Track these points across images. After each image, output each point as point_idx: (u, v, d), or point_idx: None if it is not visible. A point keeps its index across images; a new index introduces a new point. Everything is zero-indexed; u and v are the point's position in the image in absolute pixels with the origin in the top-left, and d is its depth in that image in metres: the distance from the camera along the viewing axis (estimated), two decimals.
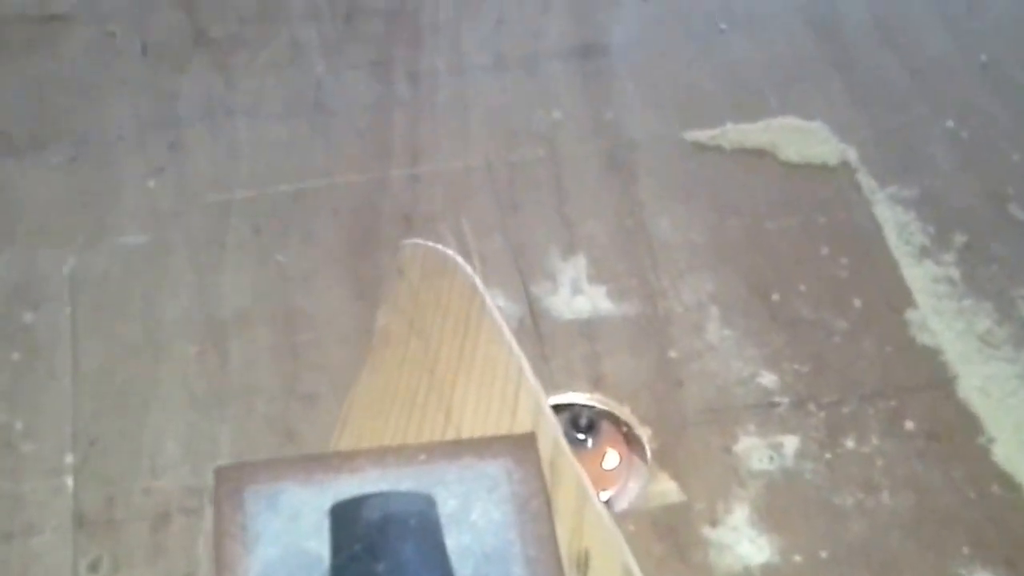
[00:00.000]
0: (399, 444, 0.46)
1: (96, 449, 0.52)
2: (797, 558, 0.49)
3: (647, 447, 0.52)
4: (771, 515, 0.50)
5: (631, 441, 0.53)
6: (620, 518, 0.50)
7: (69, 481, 0.51)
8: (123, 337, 0.57)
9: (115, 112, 0.66)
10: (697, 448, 0.52)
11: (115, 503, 0.51)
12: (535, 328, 0.56)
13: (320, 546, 0.40)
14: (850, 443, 0.53)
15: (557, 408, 0.53)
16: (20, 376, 0.55)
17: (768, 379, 0.55)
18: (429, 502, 0.41)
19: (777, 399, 0.54)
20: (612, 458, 0.52)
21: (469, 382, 0.51)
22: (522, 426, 0.48)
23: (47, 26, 0.72)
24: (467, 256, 0.59)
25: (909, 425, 0.53)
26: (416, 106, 0.67)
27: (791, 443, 0.53)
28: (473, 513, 0.42)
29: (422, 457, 0.44)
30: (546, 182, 0.63)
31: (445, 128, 0.66)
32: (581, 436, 0.52)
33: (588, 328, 0.57)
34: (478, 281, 0.56)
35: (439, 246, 0.58)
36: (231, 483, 0.44)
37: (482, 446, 0.45)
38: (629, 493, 0.51)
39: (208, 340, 0.56)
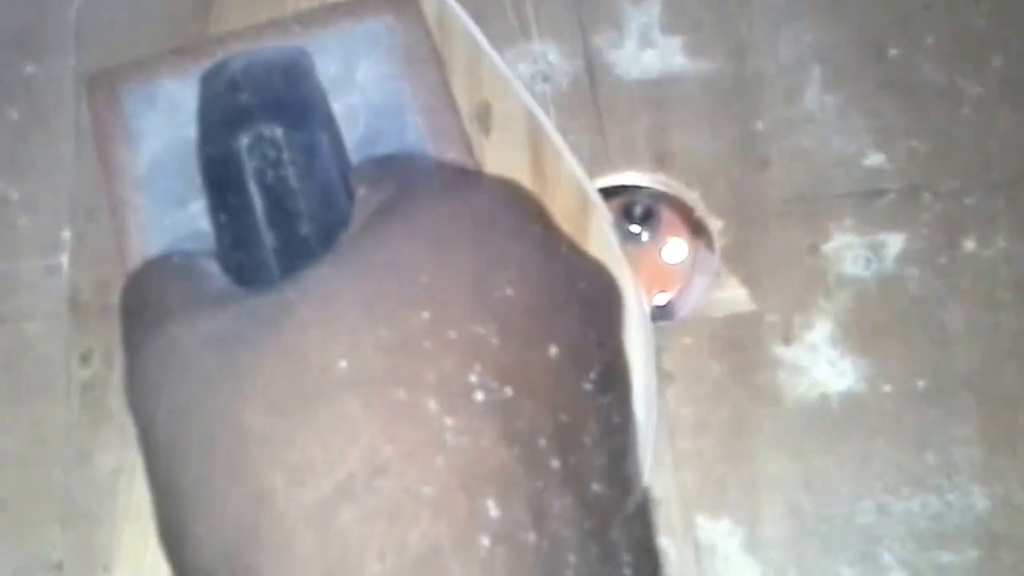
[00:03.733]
0: (269, 20, 0.40)
1: (94, 225, 0.44)
2: (886, 387, 0.38)
3: (716, 243, 0.41)
4: (860, 333, 0.39)
5: (698, 234, 0.41)
6: (676, 328, 0.39)
7: (64, 260, 0.44)
8: None
9: None
10: (777, 246, 0.41)
11: (111, 288, 0.43)
12: (592, 91, 0.44)
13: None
14: (970, 245, 0.40)
15: (610, 192, 0.42)
16: (19, 138, 0.47)
17: (875, 159, 0.42)
18: (300, 51, 0.36)
19: (884, 185, 0.41)
20: (673, 254, 0.41)
21: None
22: None
23: None
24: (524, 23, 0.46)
25: None
26: None
27: (895, 243, 0.40)
28: (358, 72, 0.38)
29: (296, 29, 0.39)
30: None
31: None
32: (635, 229, 0.41)
33: (657, 91, 0.44)
34: None
35: None
36: (104, 87, 0.40)
37: (358, 5, 0.40)
38: (689, 298, 0.40)
39: None
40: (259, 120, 0.32)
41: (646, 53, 0.45)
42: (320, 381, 0.24)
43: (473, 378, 0.24)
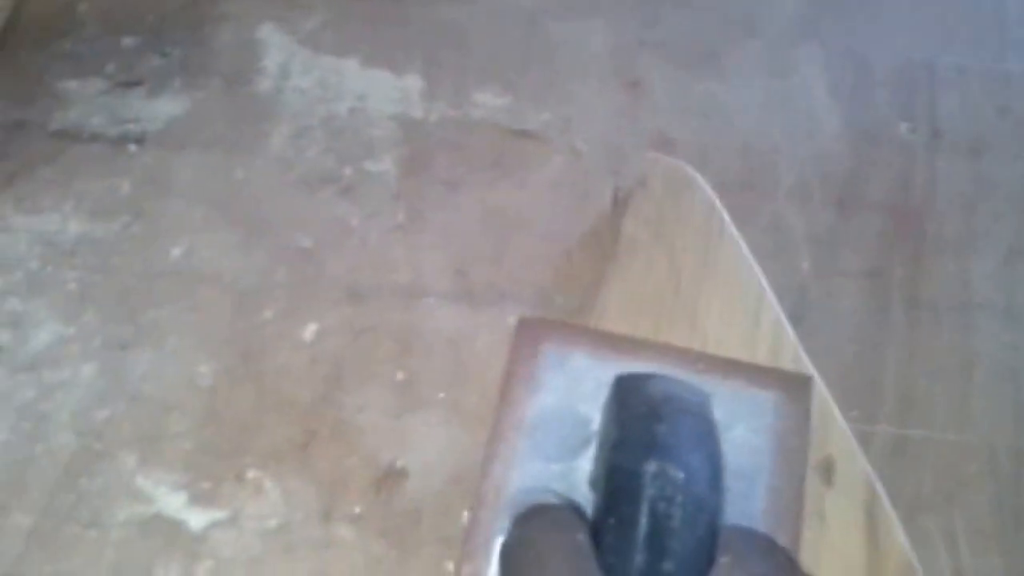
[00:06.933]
0: (682, 346, 0.46)
1: None
2: None
3: None
4: None
5: None
6: None
7: None
8: None
9: None
10: None
11: None
12: None
13: (591, 410, 0.43)
14: None
15: None
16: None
17: None
18: (706, 399, 0.41)
19: None
20: None
21: (712, 293, 0.50)
22: (764, 340, 0.48)
23: None
24: (959, 574, 0.50)
25: None
26: (913, 344, 0.56)
27: None
28: (733, 431, 0.42)
29: (700, 365, 0.44)
30: None
31: (943, 383, 0.54)
32: None
33: None
34: (716, 199, 0.53)
35: (679, 161, 0.55)
36: (530, 336, 0.46)
37: (757, 374, 0.45)
38: None
39: None
40: (669, 458, 0.37)
41: None
42: None
43: None
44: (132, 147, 0.63)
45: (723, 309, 0.50)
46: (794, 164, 0.61)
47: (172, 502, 0.51)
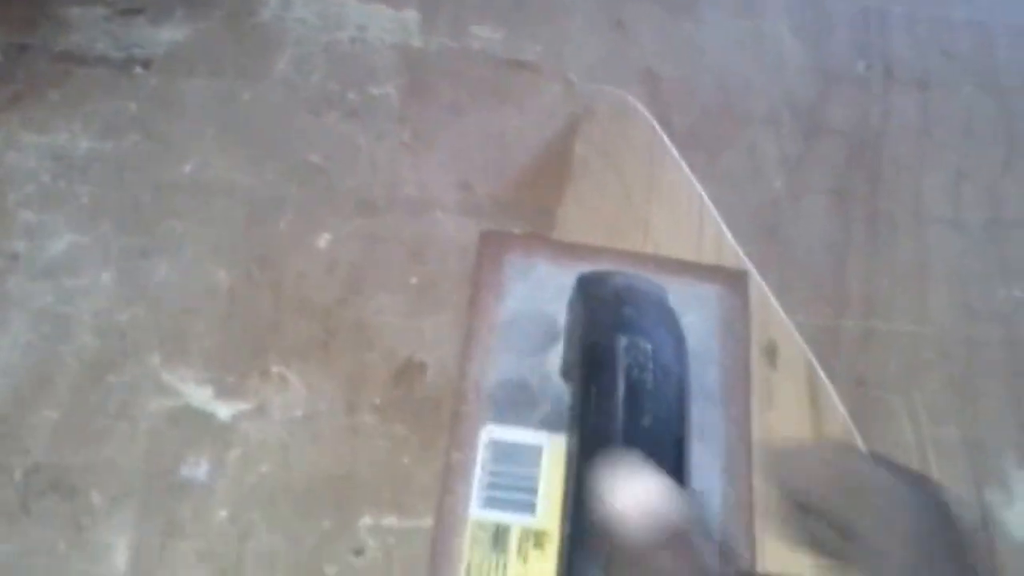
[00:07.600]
0: (635, 251, 0.52)
1: None
2: None
3: None
4: None
5: None
6: None
7: None
8: None
9: None
10: None
11: None
12: (987, 540, 0.54)
13: (556, 311, 0.48)
14: None
15: None
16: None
17: None
18: (663, 291, 0.45)
19: None
20: None
21: (659, 207, 0.55)
22: (708, 245, 0.54)
23: None
24: (921, 443, 0.56)
25: None
26: (874, 251, 0.62)
27: None
28: (686, 319, 0.45)
29: (651, 266, 0.49)
30: (1001, 370, 0.59)
31: (902, 284, 0.61)
32: None
33: None
34: (654, 122, 0.59)
35: (620, 91, 0.62)
36: (494, 248, 0.51)
37: (701, 271, 0.51)
38: None
39: None
40: (638, 333, 0.42)
41: None
42: None
43: None
44: (139, 70, 0.65)
45: (670, 220, 0.56)
46: (765, 97, 0.66)
47: (199, 395, 0.53)
